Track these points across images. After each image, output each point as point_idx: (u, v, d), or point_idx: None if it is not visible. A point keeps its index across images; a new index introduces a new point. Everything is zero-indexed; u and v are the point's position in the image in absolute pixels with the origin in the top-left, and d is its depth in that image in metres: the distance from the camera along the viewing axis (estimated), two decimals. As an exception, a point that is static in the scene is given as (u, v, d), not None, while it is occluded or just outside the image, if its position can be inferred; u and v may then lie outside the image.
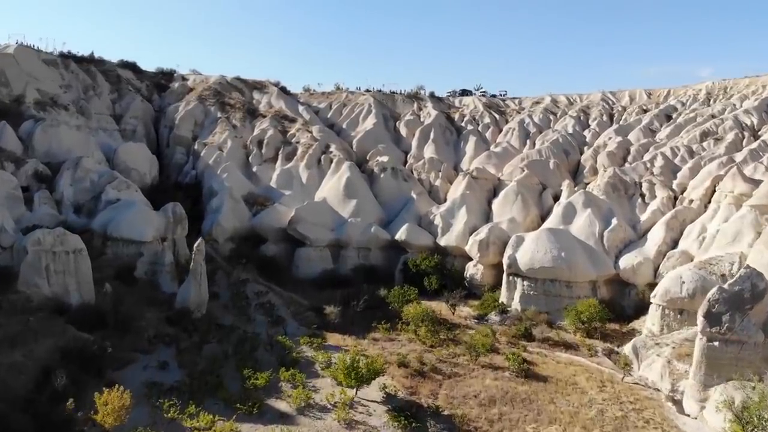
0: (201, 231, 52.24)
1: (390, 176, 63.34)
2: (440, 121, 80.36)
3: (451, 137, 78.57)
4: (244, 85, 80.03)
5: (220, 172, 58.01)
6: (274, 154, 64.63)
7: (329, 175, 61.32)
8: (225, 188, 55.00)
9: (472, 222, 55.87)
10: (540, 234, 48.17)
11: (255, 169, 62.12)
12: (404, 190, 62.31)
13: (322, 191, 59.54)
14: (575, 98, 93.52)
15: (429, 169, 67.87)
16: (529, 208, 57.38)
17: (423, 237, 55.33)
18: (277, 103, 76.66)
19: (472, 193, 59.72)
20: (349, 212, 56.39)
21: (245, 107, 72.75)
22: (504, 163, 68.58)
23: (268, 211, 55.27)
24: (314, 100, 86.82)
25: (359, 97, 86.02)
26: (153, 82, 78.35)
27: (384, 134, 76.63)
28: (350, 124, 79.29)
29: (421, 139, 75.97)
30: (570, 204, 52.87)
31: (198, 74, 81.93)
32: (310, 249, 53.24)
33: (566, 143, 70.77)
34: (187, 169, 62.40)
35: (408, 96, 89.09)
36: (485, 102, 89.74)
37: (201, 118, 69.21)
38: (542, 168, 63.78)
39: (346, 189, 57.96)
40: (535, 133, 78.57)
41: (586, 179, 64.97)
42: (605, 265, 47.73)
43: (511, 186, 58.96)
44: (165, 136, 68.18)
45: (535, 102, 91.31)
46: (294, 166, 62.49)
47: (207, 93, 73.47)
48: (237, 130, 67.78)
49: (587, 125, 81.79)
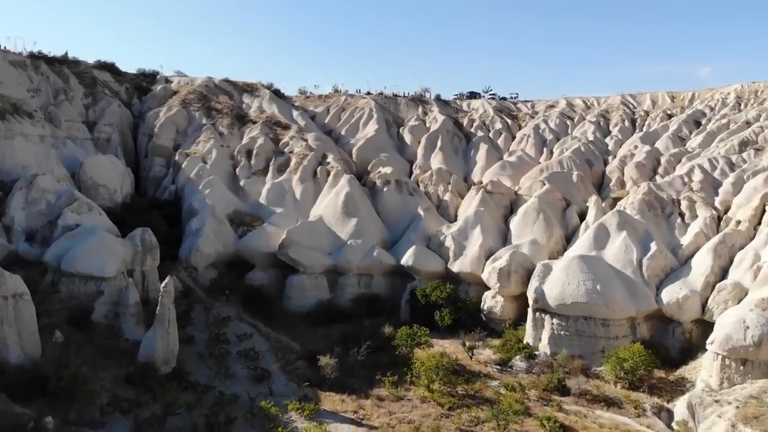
0: (178, 257, 45.68)
1: (394, 190, 56.64)
2: (448, 126, 73.70)
3: (460, 145, 71.91)
4: (233, 88, 73.16)
5: (202, 187, 51.24)
6: (265, 165, 57.84)
7: (326, 190, 54.60)
8: (207, 207, 48.25)
9: (488, 244, 49.25)
10: (571, 263, 41.45)
11: (243, 182, 55.33)
12: (410, 205, 55.61)
13: (318, 208, 52.83)
14: (592, 101, 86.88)
15: (437, 181, 61.21)
16: (553, 228, 50.73)
17: (432, 262, 48.66)
18: (269, 107, 69.87)
19: (487, 209, 53.07)
20: (348, 233, 49.73)
21: (234, 112, 65.96)
22: (520, 174, 61.94)
23: (255, 232, 48.54)
24: (310, 104, 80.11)
25: (359, 101, 79.31)
26: (133, 84, 71.45)
27: (386, 142, 69.98)
28: (350, 130, 72.61)
29: (428, 146, 69.37)
30: (602, 226, 46.16)
31: (183, 76, 74.96)
32: (304, 276, 46.55)
33: (588, 152, 64.13)
34: (166, 183, 55.41)
35: (412, 99, 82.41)
36: (495, 106, 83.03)
37: (184, 125, 62.34)
38: (565, 181, 57.13)
39: (345, 206, 51.25)
40: (552, 140, 72.00)
41: (613, 193, 58.40)
42: (646, 298, 41.13)
43: (532, 202, 52.28)
44: (143, 145, 61.09)
45: (550, 105, 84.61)
46: (287, 179, 55.74)
47: (192, 97, 66.64)
48: (224, 138, 61.00)
49: (608, 131, 75.20)
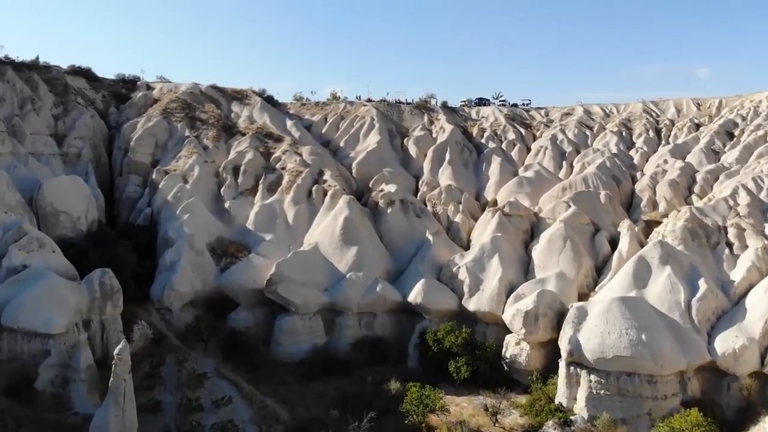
0: (149, 296, 39.29)
1: (399, 211, 50.22)
2: (456, 137, 67.37)
3: (470, 158, 65.58)
4: (220, 95, 66.71)
5: (180, 211, 44.80)
6: (254, 183, 51.37)
7: (322, 213, 48.19)
8: (184, 236, 41.82)
9: (508, 277, 42.91)
10: (610, 307, 35.02)
11: (228, 204, 48.86)
12: (417, 229, 49.22)
13: (313, 234, 46.43)
14: (611, 109, 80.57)
15: (446, 200, 54.86)
16: (582, 258, 44.35)
17: (444, 298, 42.28)
18: (260, 116, 63.46)
19: (505, 235, 46.70)
20: (347, 264, 43.34)
21: (220, 123, 59.52)
22: (539, 192, 55.62)
23: (240, 265, 42.12)
24: (306, 112, 73.78)
25: (359, 108, 72.96)
26: (111, 92, 64.97)
27: (389, 155, 63.64)
28: (349, 141, 66.27)
29: (435, 160, 63.08)
30: (642, 260, 39.71)
31: (166, 81, 68.46)
32: (296, 317, 40.16)
33: (614, 168, 57.73)
34: (142, 205, 48.83)
35: (417, 107, 76.01)
36: (507, 113, 76.65)
37: (164, 138, 55.86)
38: (592, 202, 50.72)
39: (344, 232, 44.82)
40: (571, 152, 65.66)
41: (645, 215, 52.02)
42: (697, 348, 34.80)
43: (557, 228, 45.89)
44: (118, 161, 54.52)
45: (566, 113, 78.29)
46: (278, 199, 49.30)
47: (174, 105, 60.19)
48: (208, 153, 54.57)
49: (632, 143, 68.89)
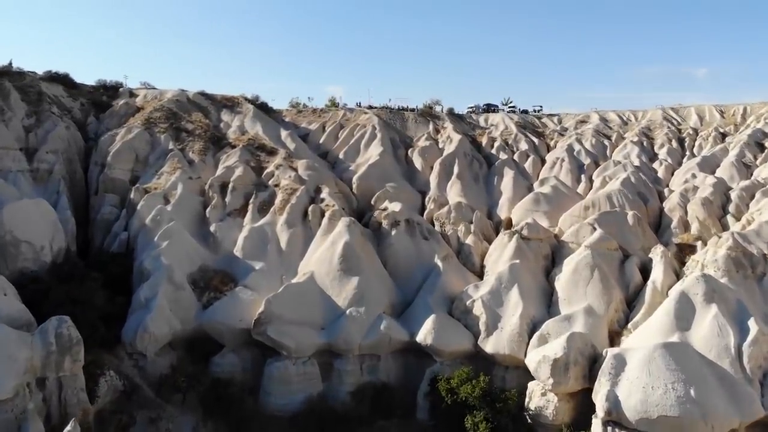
0: (121, 339, 34.23)
1: (404, 233, 45.24)
2: (465, 148, 62.35)
3: (480, 170, 60.52)
4: (209, 103, 61.61)
5: (159, 237, 39.73)
6: (243, 203, 46.30)
7: (319, 237, 43.14)
8: (162, 267, 36.75)
9: (530, 312, 37.92)
10: (653, 356, 29.91)
11: (213, 227, 43.78)
12: (425, 253, 44.26)
13: (309, 262, 41.36)
14: (628, 116, 75.55)
15: (456, 219, 49.86)
16: (611, 290, 39.25)
17: (458, 338, 37.24)
18: (252, 126, 58.38)
19: (524, 262, 41.68)
20: (347, 298, 38.30)
21: (208, 134, 54.42)
22: (558, 210, 50.56)
23: (225, 301, 37.05)
24: (303, 120, 68.75)
25: (360, 116, 67.95)
26: (91, 99, 59.75)
27: (393, 167, 58.59)
28: (349, 152, 61.24)
29: (442, 173, 58.05)
30: (684, 296, 34.53)
31: (151, 88, 63.36)
32: (288, 363, 35.08)
33: (640, 183, 52.63)
34: (117, 229, 43.65)
35: (421, 114, 70.98)
36: (518, 121, 71.64)
37: (145, 152, 50.73)
38: (618, 224, 45.61)
39: (344, 260, 39.75)
40: (590, 165, 60.64)
41: (676, 237, 46.96)
42: (750, 402, 29.64)
43: (583, 256, 40.81)
44: (94, 177, 49.29)
45: (580, 121, 73.25)
46: (269, 221, 44.23)
47: (158, 114, 55.09)
48: (194, 168, 49.49)
49: (654, 154, 63.86)
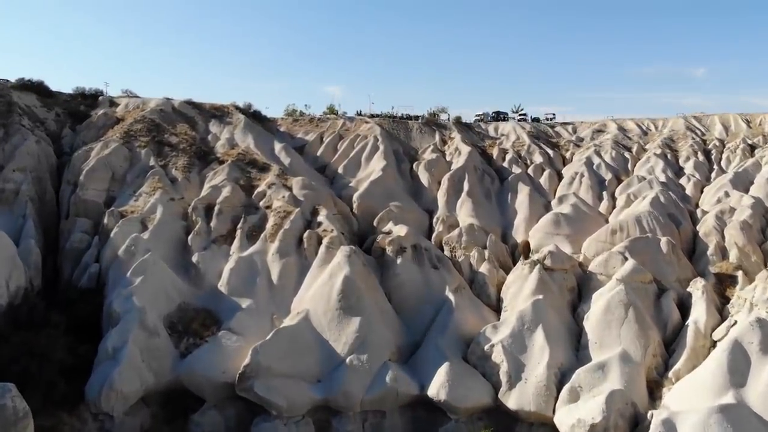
0: (84, 396, 29.21)
1: (411, 262, 40.31)
2: (474, 161, 57.42)
3: (493, 186, 55.59)
4: (197, 113, 56.55)
5: (132, 272, 34.62)
6: (230, 228, 41.26)
7: (316, 268, 38.10)
8: (133, 310, 31.67)
9: (558, 359, 32.99)
10: (708, 421, 25.02)
11: (196, 257, 38.70)
12: (434, 285, 39.32)
13: (304, 299, 36.31)
14: (648, 125, 70.65)
15: (468, 244, 44.99)
16: (648, 332, 34.27)
17: (475, 390, 32.21)
18: (243, 139, 53.38)
19: (548, 297, 36.72)
20: (347, 342, 33.25)
21: (194, 148, 49.35)
22: (580, 233, 45.67)
23: (206, 349, 31.98)
24: (299, 130, 63.78)
25: (361, 126, 63.03)
26: (67, 109, 54.57)
27: (397, 183, 53.63)
28: (349, 166, 56.30)
29: (451, 190, 53.05)
30: (737, 346, 29.38)
31: (133, 96, 58.21)
32: (278, 423, 30.01)
33: (670, 203, 47.67)
34: (88, 259, 38.37)
35: (426, 123, 66.02)
36: (530, 131, 66.70)
37: (123, 169, 45.64)
38: (651, 251, 40.73)
39: (344, 298, 34.71)
40: (611, 180, 55.70)
41: (713, 266, 42.04)
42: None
43: (616, 292, 35.80)
44: (66, 199, 44.06)
45: (597, 130, 68.34)
46: (259, 250, 39.19)
47: (139, 127, 50.04)
48: (176, 187, 44.46)
49: (679, 168, 58.97)
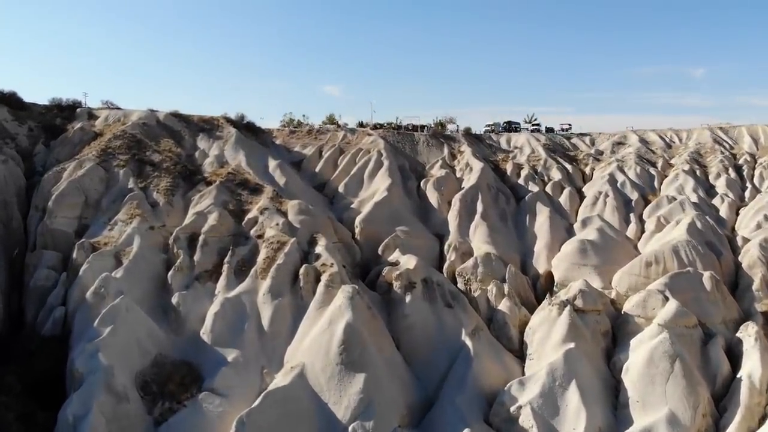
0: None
1: (421, 299, 35.58)
2: (488, 178, 52.67)
3: (508, 207, 50.82)
4: (183, 126, 51.72)
5: (100, 321, 29.70)
6: (217, 261, 36.40)
7: (314, 311, 33.18)
8: (99, 369, 26.80)
9: (596, 422, 28.27)
10: None
11: (177, 297, 33.81)
12: (448, 327, 34.58)
13: (299, 349, 31.39)
14: (671, 137, 65.85)
15: (484, 276, 40.26)
16: (697, 388, 29.50)
17: (500, 463, 27.52)
18: (233, 155, 48.56)
19: (581, 345, 31.97)
20: (349, 406, 28.32)
21: (179, 167, 44.52)
22: (610, 262, 40.96)
23: (185, 415, 27.10)
24: (296, 143, 59.02)
25: (363, 138, 58.31)
26: (42, 123, 49.66)
27: (403, 205, 48.86)
28: (351, 185, 51.54)
29: (463, 211, 48.29)
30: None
31: (114, 108, 53.34)
32: None
33: (707, 229, 42.88)
34: (54, 301, 33.31)
35: (433, 135, 61.25)
36: (546, 143, 61.93)
37: (98, 193, 40.82)
38: (694, 289, 35.99)
39: (346, 350, 29.80)
40: (638, 200, 50.92)
41: (759, 303, 37.32)
42: None
43: (659, 340, 30.99)
44: (33, 227, 39.06)
45: (617, 142, 63.54)
46: (249, 289, 34.32)
47: (118, 143, 45.21)
48: (157, 213, 39.65)
49: (710, 186, 54.20)
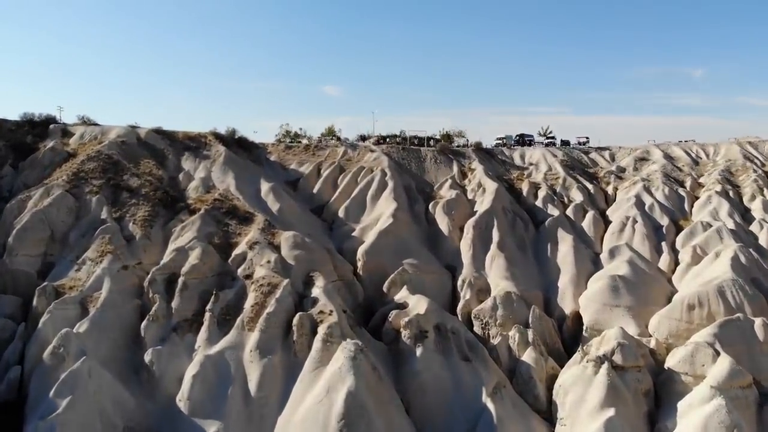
0: None
1: (434, 352, 31.00)
2: (503, 200, 47.93)
3: (527, 233, 46.06)
4: (167, 144, 46.89)
5: (56, 391, 24.94)
6: (198, 308, 31.61)
7: (309, 371, 28.33)
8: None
9: None
10: None
11: (150, 354, 28.92)
12: (466, 385, 29.96)
13: (292, 421, 26.52)
14: (697, 151, 61.15)
15: (504, 320, 35.61)
16: (765, 471, 24.98)
17: None
18: (221, 177, 43.79)
19: (622, 411, 27.40)
20: (352, 493, 23.80)
21: (159, 192, 39.73)
22: (645, 303, 36.28)
23: None
24: (293, 159, 54.28)
25: (365, 155, 53.65)
26: (11, 141, 44.73)
27: (410, 232, 44.02)
28: (352, 208, 46.81)
29: (477, 240, 43.49)
30: None
31: (90, 124, 48.52)
32: None
33: (752, 263, 38.03)
34: (10, 357, 28.35)
35: (441, 151, 56.47)
36: (563, 159, 57.19)
37: (66, 225, 36.02)
38: (743, 339, 31.22)
39: (347, 425, 25.11)
40: (668, 226, 46.18)
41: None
42: None
43: (714, 407, 26.33)
44: (-10, 265, 34.65)
45: (639, 158, 58.80)
46: (234, 344, 29.54)
47: (92, 166, 40.42)
48: (132, 249, 34.88)
49: (745, 210, 49.44)
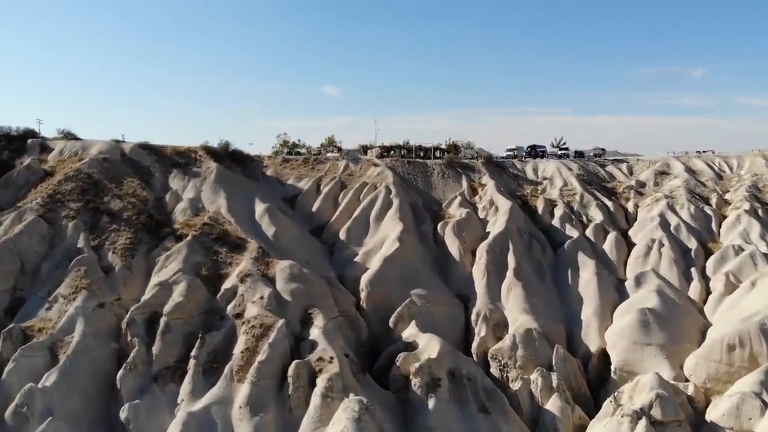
0: None
1: (448, 402, 27.52)
2: (518, 221, 44.24)
3: (545, 257, 42.35)
4: (154, 160, 43.19)
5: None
6: (182, 353, 27.99)
7: (308, 429, 24.94)
8: None
9: None
10: None
11: (127, 411, 25.40)
12: (484, 441, 26.32)
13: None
14: (719, 164, 57.44)
15: (525, 361, 32.01)
16: None
17: None
18: (212, 198, 40.11)
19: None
20: None
21: (143, 216, 36.08)
22: (677, 339, 32.68)
23: None
24: (290, 174, 50.61)
25: (368, 169, 50.02)
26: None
27: (419, 257, 40.26)
28: (354, 229, 43.13)
29: (491, 266, 39.71)
30: None
31: (72, 138, 44.84)
32: None
33: (798, 295, 34.54)
34: None
35: (449, 164, 52.78)
36: (579, 173, 53.42)
37: (38, 255, 32.38)
38: (802, 389, 27.73)
39: (351, 498, 21.64)
40: (697, 249, 42.51)
41: None
42: None
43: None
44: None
45: (659, 172, 55.03)
46: (221, 398, 25.94)
47: (70, 186, 36.75)
48: (111, 282, 31.25)
49: (779, 228, 45.86)
